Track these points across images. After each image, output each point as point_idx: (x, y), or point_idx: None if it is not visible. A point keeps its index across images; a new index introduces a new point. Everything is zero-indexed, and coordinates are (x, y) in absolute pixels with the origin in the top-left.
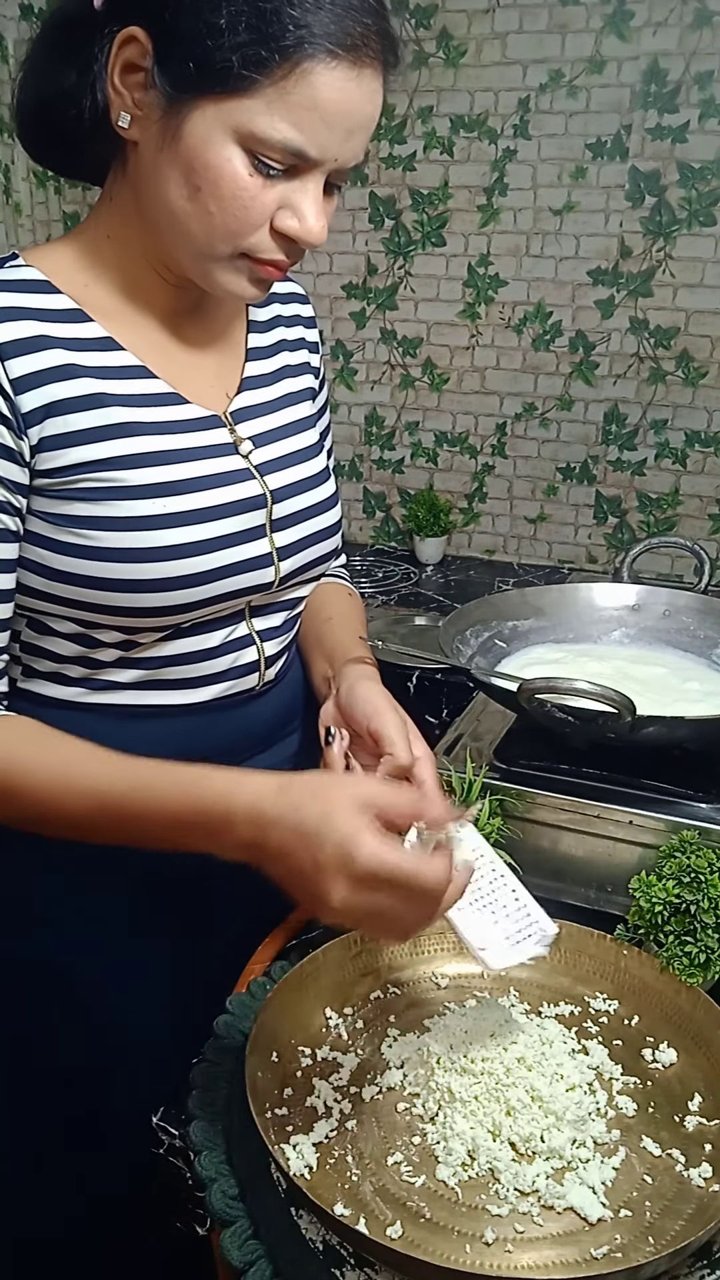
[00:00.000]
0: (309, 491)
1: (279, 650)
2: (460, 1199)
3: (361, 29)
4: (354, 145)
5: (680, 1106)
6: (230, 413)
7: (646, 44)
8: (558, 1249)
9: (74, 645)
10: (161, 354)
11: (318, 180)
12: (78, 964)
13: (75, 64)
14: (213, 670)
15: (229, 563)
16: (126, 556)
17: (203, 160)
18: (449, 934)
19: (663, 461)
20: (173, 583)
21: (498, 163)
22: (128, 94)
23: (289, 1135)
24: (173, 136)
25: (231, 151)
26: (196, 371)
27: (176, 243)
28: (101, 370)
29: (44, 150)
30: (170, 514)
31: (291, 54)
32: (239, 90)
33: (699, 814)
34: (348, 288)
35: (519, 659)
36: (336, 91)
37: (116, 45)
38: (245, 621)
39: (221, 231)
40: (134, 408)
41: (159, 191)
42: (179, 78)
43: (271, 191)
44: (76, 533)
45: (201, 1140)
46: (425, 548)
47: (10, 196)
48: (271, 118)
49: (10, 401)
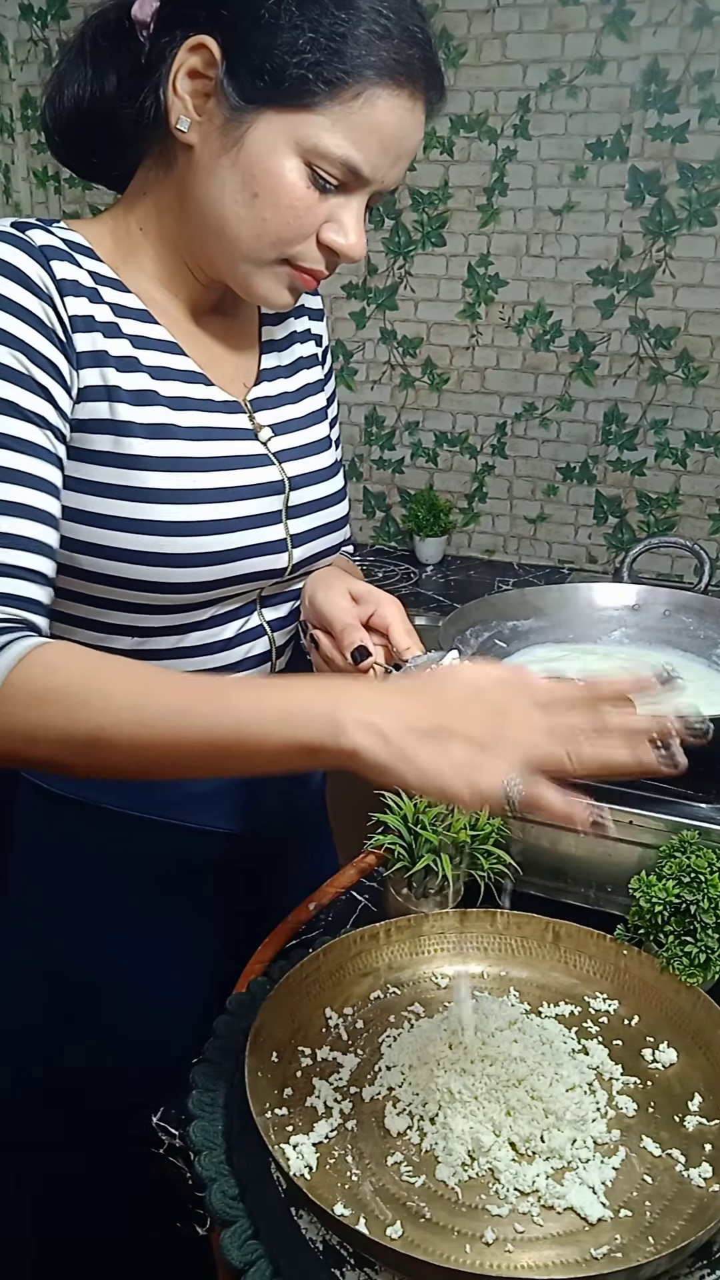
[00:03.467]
0: (324, 482)
1: (288, 640)
2: (460, 1199)
3: (422, 63)
4: (398, 171)
5: (680, 1106)
6: (249, 400)
7: (646, 44)
8: (558, 1249)
9: (88, 632)
10: (188, 338)
11: (361, 199)
12: (78, 964)
13: (116, 68)
14: (228, 662)
15: (244, 544)
16: (140, 528)
17: (264, 168)
18: (449, 934)
19: (663, 461)
20: (187, 559)
21: (498, 163)
22: (189, 99)
23: (289, 1135)
24: (235, 143)
25: (293, 163)
26: (218, 360)
27: (222, 244)
28: (137, 339)
29: (72, 153)
30: (185, 489)
31: (363, 76)
32: (307, 105)
33: (699, 814)
34: (348, 288)
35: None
36: (395, 117)
37: (184, 51)
38: (257, 612)
39: (272, 238)
40: (161, 380)
41: (212, 194)
42: (248, 88)
43: (323, 205)
44: (95, 499)
45: (201, 1140)
46: (425, 548)
47: (10, 196)
48: (335, 135)
49: (69, 337)
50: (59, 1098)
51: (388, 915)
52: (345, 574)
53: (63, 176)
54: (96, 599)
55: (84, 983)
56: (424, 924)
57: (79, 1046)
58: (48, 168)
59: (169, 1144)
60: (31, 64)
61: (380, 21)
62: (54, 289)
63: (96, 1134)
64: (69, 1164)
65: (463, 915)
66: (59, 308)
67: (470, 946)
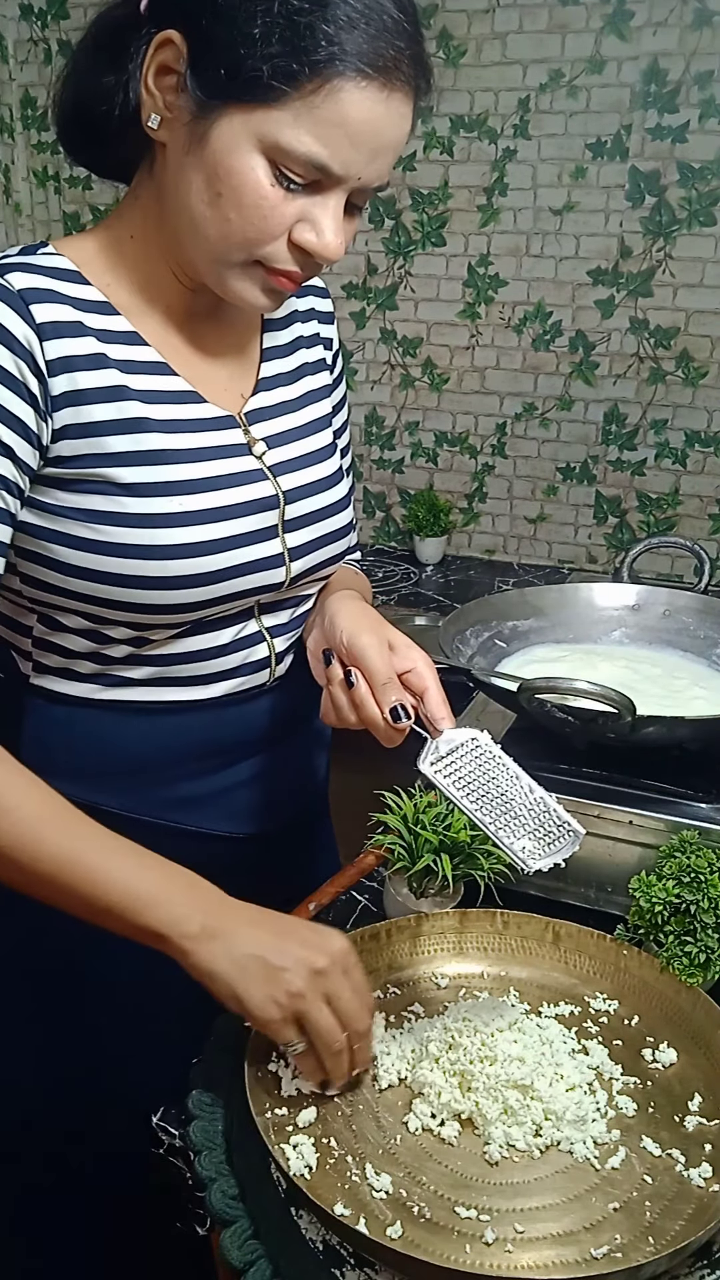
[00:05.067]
0: (323, 493)
1: (289, 646)
2: (460, 1199)
3: (394, 52)
4: (378, 166)
5: (680, 1106)
6: (245, 414)
7: (646, 44)
8: (558, 1249)
9: (85, 640)
10: (179, 354)
11: (339, 198)
12: (77, 963)
13: (114, 65)
14: (224, 667)
15: (239, 562)
16: (136, 553)
17: (226, 166)
18: (449, 934)
19: (663, 461)
20: (182, 581)
21: (498, 163)
22: (160, 96)
23: (289, 1135)
24: (199, 141)
25: (255, 161)
26: (212, 373)
27: (194, 246)
28: (126, 364)
29: (79, 148)
30: (181, 513)
31: (322, 70)
32: (267, 101)
33: (699, 814)
34: (348, 288)
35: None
36: (365, 111)
37: (153, 47)
38: (255, 619)
39: (238, 239)
40: (151, 404)
41: (181, 194)
42: (210, 83)
43: (292, 204)
44: (88, 526)
45: (201, 1140)
46: (425, 548)
47: (10, 196)
48: (297, 131)
49: (44, 383)
50: (58, 1098)
51: (388, 915)
52: (380, 619)
53: (63, 176)
54: (92, 616)
55: (84, 983)
56: (424, 924)
57: (78, 1047)
58: (48, 168)
59: (169, 1144)
60: (31, 64)
61: (344, 10)
62: (33, 335)
63: (96, 1134)
64: (69, 1164)
65: (463, 915)
66: (36, 356)
67: (470, 946)
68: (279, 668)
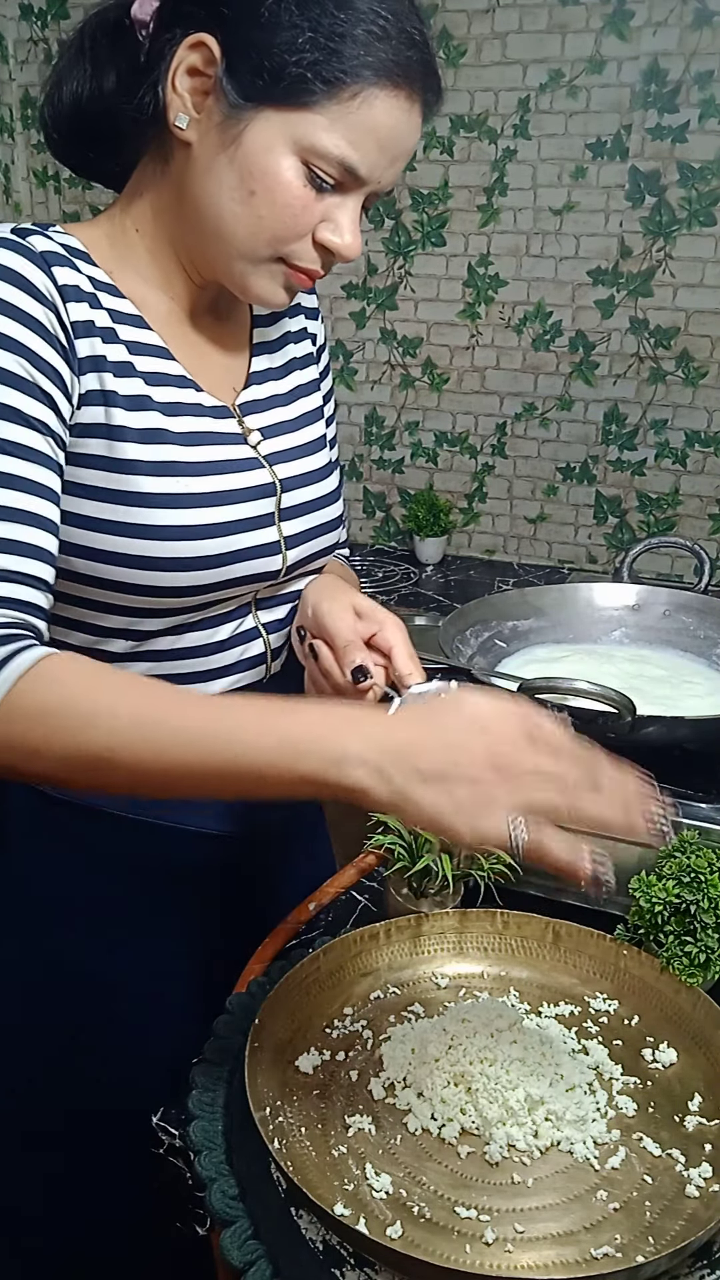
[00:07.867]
0: (317, 484)
1: (284, 643)
2: (460, 1199)
3: (420, 65)
4: (394, 171)
5: (680, 1106)
6: (238, 405)
7: (646, 44)
8: (558, 1249)
9: (82, 634)
10: (178, 343)
11: (358, 199)
12: (78, 963)
13: (115, 66)
14: (222, 663)
15: (237, 548)
16: (132, 532)
17: (261, 166)
18: (449, 934)
19: (663, 461)
20: (181, 563)
21: (498, 163)
22: (188, 96)
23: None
24: (232, 141)
25: (289, 161)
26: (207, 364)
27: (219, 242)
28: (133, 345)
29: (70, 150)
30: (177, 494)
31: (360, 76)
32: (305, 104)
33: (699, 814)
34: (348, 288)
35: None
36: (393, 118)
37: (183, 49)
38: (252, 614)
39: (268, 236)
40: (154, 386)
41: (209, 191)
42: (247, 86)
43: (319, 205)
44: (90, 503)
45: (201, 1140)
46: (425, 548)
47: (10, 196)
48: (333, 135)
49: (71, 343)
50: (58, 1098)
51: (388, 915)
52: (349, 587)
53: (63, 176)
54: (91, 602)
55: (83, 982)
56: (424, 924)
57: (78, 1046)
58: (48, 168)
59: (169, 1144)
60: (31, 64)
61: (379, 23)
62: (57, 295)
63: (96, 1134)
64: (69, 1164)
65: (463, 915)
66: (62, 314)
67: (470, 946)
68: (275, 664)
